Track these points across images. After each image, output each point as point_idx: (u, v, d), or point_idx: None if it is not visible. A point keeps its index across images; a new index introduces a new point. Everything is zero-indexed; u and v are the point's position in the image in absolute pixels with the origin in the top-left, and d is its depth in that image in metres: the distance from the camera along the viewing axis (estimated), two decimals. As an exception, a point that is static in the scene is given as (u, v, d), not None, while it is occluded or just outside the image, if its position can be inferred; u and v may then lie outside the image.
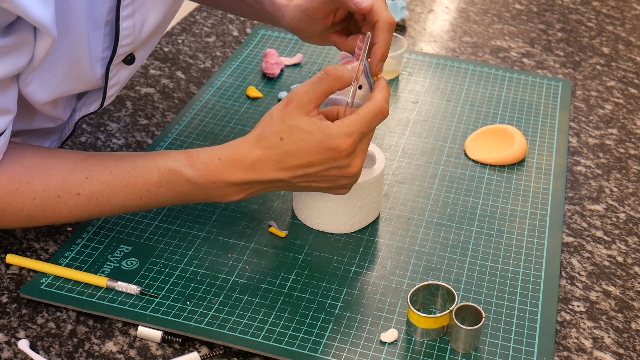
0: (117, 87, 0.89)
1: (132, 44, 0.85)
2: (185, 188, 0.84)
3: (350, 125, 0.81)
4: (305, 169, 0.82)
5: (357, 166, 0.83)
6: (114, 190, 0.84)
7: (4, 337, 0.81)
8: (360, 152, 0.83)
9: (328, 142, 0.80)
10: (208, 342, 0.82)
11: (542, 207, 1.01)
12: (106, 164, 0.84)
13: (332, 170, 0.83)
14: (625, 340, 0.85)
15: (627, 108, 1.24)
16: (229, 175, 0.83)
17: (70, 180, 0.83)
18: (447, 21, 1.46)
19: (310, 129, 0.81)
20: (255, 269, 0.89)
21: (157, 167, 0.84)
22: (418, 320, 0.81)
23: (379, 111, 0.82)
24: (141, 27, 0.84)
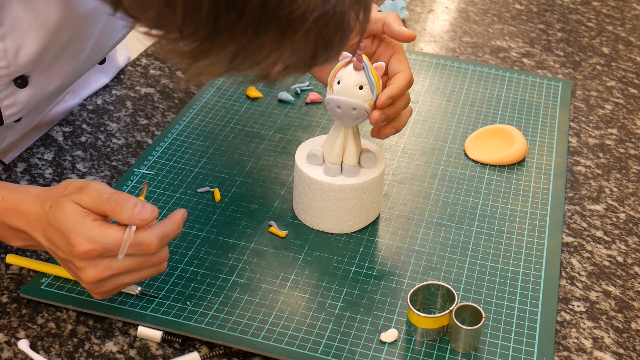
0: (17, 108, 0.88)
1: (10, 68, 0.84)
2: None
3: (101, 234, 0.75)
4: (55, 248, 0.78)
5: (89, 276, 0.76)
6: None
7: (4, 337, 0.81)
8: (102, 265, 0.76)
9: (70, 234, 0.75)
10: (208, 342, 0.82)
11: (542, 207, 1.01)
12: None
13: (71, 264, 0.77)
14: (625, 340, 0.85)
15: (627, 108, 1.24)
16: (6, 217, 0.80)
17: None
18: (447, 21, 1.46)
19: (68, 215, 0.76)
20: (255, 269, 0.89)
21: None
22: (418, 320, 0.81)
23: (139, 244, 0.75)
24: (16, 52, 0.83)
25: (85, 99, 1.16)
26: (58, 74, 0.90)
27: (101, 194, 0.76)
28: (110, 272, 0.76)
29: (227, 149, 1.07)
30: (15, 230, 0.81)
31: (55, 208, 0.77)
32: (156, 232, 0.76)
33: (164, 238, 0.77)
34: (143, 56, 1.28)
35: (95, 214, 0.77)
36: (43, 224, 0.78)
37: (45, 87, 0.89)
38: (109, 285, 0.78)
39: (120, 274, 0.77)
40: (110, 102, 1.16)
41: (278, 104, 1.17)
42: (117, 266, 0.76)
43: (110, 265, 0.76)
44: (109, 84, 1.20)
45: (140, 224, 0.75)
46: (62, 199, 0.77)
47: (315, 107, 1.17)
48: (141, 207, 0.75)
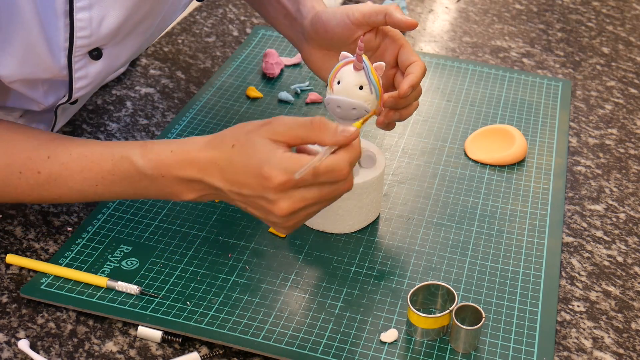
0: (87, 81, 0.89)
1: (91, 38, 0.85)
2: (136, 179, 0.83)
3: (294, 163, 0.75)
4: (240, 188, 0.78)
5: (282, 209, 0.76)
6: (71, 174, 0.84)
7: (4, 337, 0.81)
8: (295, 196, 0.77)
9: (264, 167, 0.76)
10: (208, 342, 0.82)
11: (542, 207, 1.01)
12: (68, 147, 0.85)
13: (261, 200, 0.78)
14: (625, 340, 0.85)
15: (627, 108, 1.24)
16: (178, 170, 0.81)
17: (33, 158, 0.84)
18: (447, 21, 1.46)
19: (259, 148, 0.77)
20: (255, 269, 0.89)
21: (112, 155, 0.83)
22: (418, 320, 0.81)
23: (334, 169, 0.76)
24: (100, 22, 0.84)
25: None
26: (127, 49, 0.91)
27: (297, 119, 0.78)
28: (304, 203, 0.77)
29: (227, 149, 1.07)
30: (189, 182, 0.81)
31: (241, 145, 0.78)
32: (345, 158, 0.77)
33: (352, 163, 0.78)
34: (143, 56, 1.28)
35: (285, 146, 0.77)
36: (221, 166, 0.78)
37: (115, 61, 0.90)
38: (298, 216, 0.78)
39: (311, 204, 0.78)
40: (110, 102, 1.16)
41: (278, 104, 1.17)
42: (310, 196, 0.77)
43: (304, 195, 0.77)
44: (109, 84, 1.20)
45: (345, 142, 0.77)
46: (248, 135, 0.78)
47: (315, 107, 1.17)
48: (343, 127, 0.77)
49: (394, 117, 0.92)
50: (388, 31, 0.94)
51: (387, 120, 0.92)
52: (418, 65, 0.91)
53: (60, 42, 0.84)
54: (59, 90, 0.91)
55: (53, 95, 0.91)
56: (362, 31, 0.94)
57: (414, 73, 0.90)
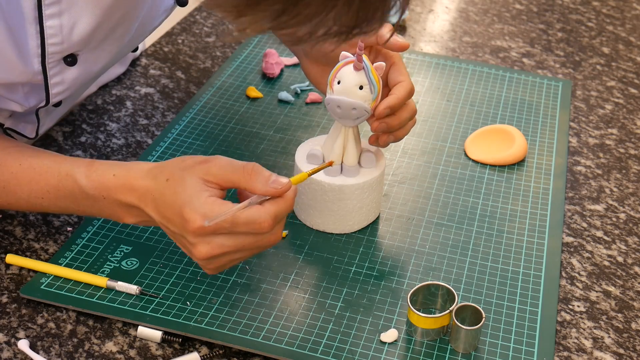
0: (63, 86, 0.89)
1: (63, 44, 0.84)
2: (79, 197, 0.84)
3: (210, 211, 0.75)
4: (167, 222, 0.79)
5: (200, 252, 0.77)
6: (19, 183, 0.85)
7: (4, 337, 0.81)
8: (214, 242, 0.76)
9: (184, 209, 0.76)
10: (208, 342, 0.82)
11: (542, 207, 1.01)
12: (19, 157, 0.86)
13: (183, 239, 0.78)
14: (625, 340, 0.85)
15: (627, 108, 1.24)
16: (118, 194, 0.82)
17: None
18: (447, 21, 1.46)
19: (187, 188, 0.77)
20: (255, 269, 0.89)
21: (58, 171, 0.84)
22: (418, 320, 0.81)
23: (254, 222, 0.75)
24: (71, 29, 0.84)
25: (86, 99, 1.16)
26: (104, 54, 0.91)
27: (233, 163, 0.78)
28: (222, 250, 0.77)
29: (227, 149, 1.07)
30: (128, 207, 0.82)
31: (173, 181, 0.78)
32: (269, 211, 0.76)
33: (277, 217, 0.77)
34: (143, 56, 1.28)
35: (216, 188, 0.78)
36: (155, 197, 0.79)
37: (92, 67, 0.91)
38: (219, 261, 0.79)
39: (231, 252, 0.78)
40: (110, 102, 1.16)
41: (278, 104, 1.17)
42: (229, 244, 0.77)
43: (222, 242, 0.77)
44: (109, 84, 1.20)
45: (274, 193, 0.77)
46: (183, 172, 0.78)
47: (315, 107, 1.17)
48: (275, 177, 0.77)
49: (387, 140, 0.92)
50: (381, 49, 0.94)
51: (381, 142, 0.92)
52: (402, 86, 0.90)
53: (33, 47, 0.83)
54: (40, 93, 0.91)
55: (34, 98, 0.91)
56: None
57: (395, 94, 0.89)
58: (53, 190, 0.85)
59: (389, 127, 0.90)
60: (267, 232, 0.77)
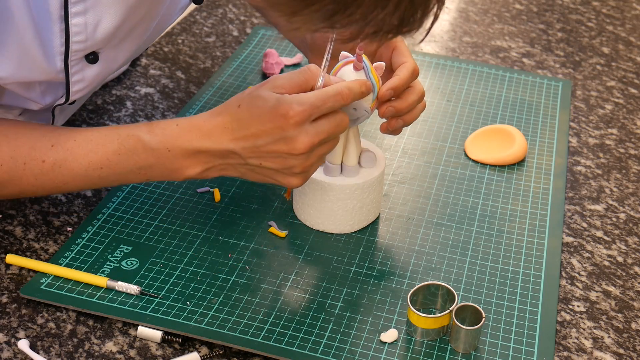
0: (84, 84, 0.90)
1: (86, 42, 0.85)
2: (142, 156, 0.85)
3: (304, 96, 0.81)
4: (255, 140, 0.82)
5: (303, 143, 0.81)
6: (76, 158, 0.85)
7: (4, 337, 0.81)
8: (311, 130, 0.82)
9: (279, 107, 0.81)
10: (208, 342, 0.82)
11: (542, 207, 1.01)
12: (72, 134, 0.87)
13: (280, 143, 0.81)
14: (625, 340, 0.85)
15: (627, 108, 1.24)
16: (184, 141, 0.83)
17: (37, 147, 0.85)
18: (447, 21, 1.46)
19: (267, 98, 0.81)
20: (255, 269, 0.89)
21: (118, 134, 0.85)
22: (418, 320, 0.81)
23: (337, 92, 0.82)
24: (95, 27, 0.85)
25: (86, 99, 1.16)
26: (123, 52, 0.92)
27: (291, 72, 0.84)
28: (320, 137, 0.82)
29: (227, 149, 1.07)
30: (194, 154, 0.84)
31: (248, 102, 0.82)
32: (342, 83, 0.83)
33: (351, 88, 0.83)
34: (143, 56, 1.28)
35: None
36: (230, 128, 0.82)
37: (111, 65, 0.91)
38: (315, 154, 0.83)
39: (325, 139, 0.82)
40: (110, 102, 1.16)
41: (278, 104, 1.17)
42: (322, 129, 0.82)
43: (317, 130, 0.81)
44: (109, 84, 1.20)
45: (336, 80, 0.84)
46: (252, 93, 0.83)
47: (315, 107, 1.17)
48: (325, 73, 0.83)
49: (397, 124, 0.91)
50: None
51: (390, 127, 0.92)
52: (405, 67, 0.90)
53: (56, 46, 0.84)
54: (57, 91, 0.91)
55: (50, 95, 0.91)
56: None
57: (398, 75, 0.89)
58: (113, 155, 0.85)
59: (397, 110, 0.89)
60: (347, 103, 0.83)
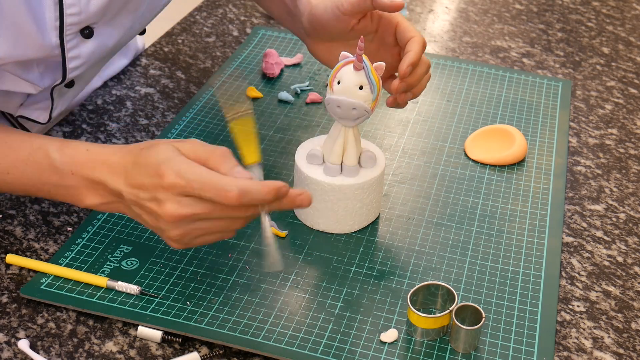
0: (80, 61, 0.90)
1: (81, 15, 0.86)
2: (47, 173, 0.84)
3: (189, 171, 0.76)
4: (138, 190, 0.79)
5: (170, 209, 0.76)
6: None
7: (4, 337, 0.81)
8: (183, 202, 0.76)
9: (161, 166, 0.77)
10: (208, 342, 0.82)
11: (542, 207, 1.01)
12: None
13: (153, 202, 0.78)
14: (625, 340, 0.85)
15: (627, 108, 1.24)
16: (88, 169, 0.82)
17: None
18: (447, 21, 1.46)
19: (161, 152, 0.78)
20: (255, 269, 0.89)
21: (31, 144, 0.85)
22: (418, 320, 0.81)
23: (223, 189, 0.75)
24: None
25: (86, 100, 1.16)
26: (118, 28, 0.93)
27: (205, 144, 0.79)
28: (191, 211, 0.76)
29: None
30: (94, 184, 0.82)
31: (148, 149, 0.79)
32: (238, 184, 0.75)
33: (246, 194, 0.75)
34: (143, 56, 1.28)
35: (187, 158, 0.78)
36: (127, 169, 0.80)
37: (107, 41, 0.92)
38: (186, 229, 0.78)
39: (199, 219, 0.77)
40: (110, 102, 1.16)
41: (278, 104, 1.17)
42: (197, 207, 0.76)
43: (191, 203, 0.76)
44: (109, 84, 1.20)
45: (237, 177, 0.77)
46: (159, 142, 0.79)
47: (315, 107, 1.17)
48: (240, 168, 0.77)
49: (406, 97, 0.93)
50: (382, 13, 0.95)
51: (400, 100, 0.93)
52: (415, 41, 0.90)
53: (50, 20, 0.85)
54: (55, 72, 0.92)
55: (49, 77, 0.92)
56: (355, 20, 0.94)
57: (412, 50, 0.90)
58: (21, 164, 0.84)
59: (409, 85, 0.91)
60: (232, 204, 0.75)
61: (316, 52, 1.01)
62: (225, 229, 0.79)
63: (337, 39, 0.97)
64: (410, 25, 0.93)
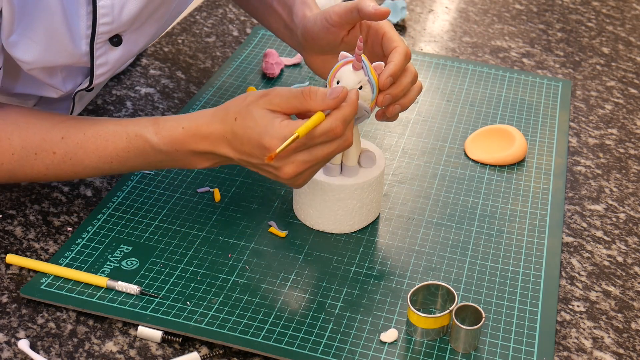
0: (107, 67, 0.91)
1: (112, 24, 0.87)
2: (151, 154, 0.87)
3: (288, 133, 0.81)
4: (247, 157, 0.84)
5: (287, 173, 0.83)
6: (87, 152, 0.88)
7: (4, 337, 0.81)
8: (298, 159, 0.83)
9: (264, 139, 0.82)
10: (208, 342, 0.82)
11: (542, 207, 1.01)
12: (81, 127, 0.89)
13: (268, 167, 0.84)
14: (625, 340, 0.85)
15: (627, 108, 1.24)
16: (191, 144, 0.86)
17: (48, 139, 0.88)
18: (447, 21, 1.46)
19: (258, 121, 0.82)
20: (255, 269, 0.89)
21: (126, 133, 0.87)
22: (418, 320, 0.81)
23: (329, 130, 0.82)
24: (121, 8, 0.87)
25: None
26: (145, 35, 0.94)
27: (290, 90, 0.83)
28: (306, 166, 0.83)
29: (227, 149, 1.07)
30: (201, 154, 0.87)
31: (242, 118, 0.83)
32: (337, 117, 0.82)
33: (346, 120, 0.82)
34: (143, 56, 1.28)
35: (283, 114, 0.83)
36: (228, 138, 0.84)
37: (133, 48, 0.93)
38: (305, 175, 0.85)
39: (315, 164, 0.84)
40: (110, 102, 1.16)
41: (278, 104, 1.17)
42: (311, 158, 0.83)
43: (304, 159, 0.83)
44: (109, 84, 1.20)
45: (335, 104, 0.82)
46: (248, 107, 0.83)
47: (315, 107, 1.17)
48: (331, 89, 0.82)
49: (394, 110, 0.91)
50: (370, 24, 0.94)
51: (389, 114, 0.91)
52: (397, 52, 0.89)
53: (82, 29, 0.86)
54: (77, 77, 0.93)
55: (71, 82, 0.93)
56: (345, 31, 0.94)
57: (392, 61, 0.88)
58: (123, 152, 0.87)
59: (393, 97, 0.89)
60: (340, 136, 0.83)
61: (312, 64, 1.01)
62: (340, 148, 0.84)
63: (329, 51, 0.96)
64: (395, 35, 0.92)
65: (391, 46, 0.90)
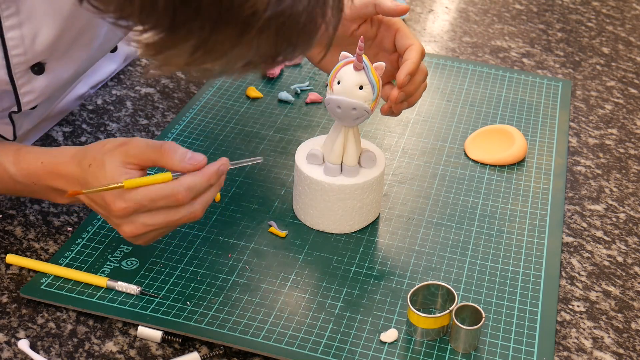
0: (34, 95, 0.90)
1: (27, 55, 0.85)
2: (10, 183, 0.87)
3: (131, 192, 0.78)
4: (95, 206, 0.81)
5: (125, 232, 0.80)
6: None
7: (4, 337, 0.81)
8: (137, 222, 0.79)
9: (105, 193, 0.79)
10: (208, 342, 0.82)
11: (542, 207, 1.01)
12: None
13: (110, 221, 0.81)
14: (625, 340, 0.85)
15: (627, 108, 1.24)
16: (48, 180, 0.85)
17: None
18: (447, 21, 1.46)
19: (107, 174, 0.79)
20: (255, 269, 0.89)
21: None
22: (418, 320, 0.81)
23: (170, 194, 0.78)
24: (33, 39, 0.84)
25: (86, 100, 1.16)
26: (73, 61, 0.92)
27: (149, 143, 0.80)
28: (146, 229, 0.79)
29: (227, 149, 1.07)
30: (59, 190, 0.85)
31: (95, 166, 0.80)
32: (183, 183, 0.78)
33: (192, 188, 0.78)
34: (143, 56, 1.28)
35: (136, 169, 0.79)
36: (81, 182, 0.82)
37: (61, 74, 0.91)
38: (146, 237, 0.81)
39: (156, 228, 0.80)
40: (110, 102, 1.16)
41: (278, 104, 1.17)
42: (151, 222, 0.79)
43: (145, 221, 0.79)
44: (109, 84, 1.20)
45: (191, 169, 0.78)
46: (103, 156, 0.80)
47: (315, 107, 1.17)
48: (192, 154, 0.79)
49: (402, 107, 0.92)
50: (382, 18, 0.94)
51: (396, 110, 0.92)
52: (414, 49, 0.90)
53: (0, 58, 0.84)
54: (8, 100, 0.91)
55: (6, 101, 0.91)
56: (356, 25, 0.94)
57: (410, 59, 0.89)
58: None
59: (407, 94, 0.90)
60: (184, 204, 0.78)
61: (314, 57, 1.00)
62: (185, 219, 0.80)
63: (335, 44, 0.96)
64: (410, 32, 0.92)
65: (406, 43, 0.91)
